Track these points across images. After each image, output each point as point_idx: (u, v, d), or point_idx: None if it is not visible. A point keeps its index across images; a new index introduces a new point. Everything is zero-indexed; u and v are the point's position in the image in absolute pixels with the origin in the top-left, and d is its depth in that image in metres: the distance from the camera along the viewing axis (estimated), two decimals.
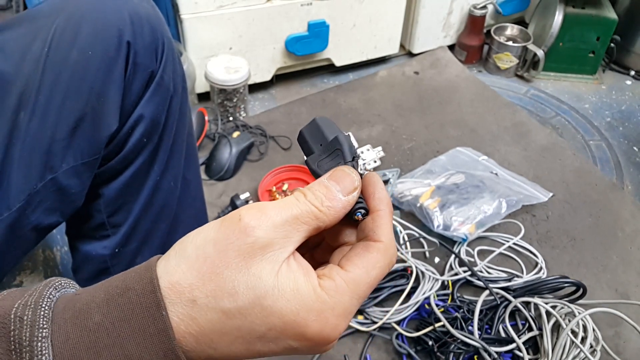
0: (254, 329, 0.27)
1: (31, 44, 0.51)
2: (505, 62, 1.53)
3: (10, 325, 0.26)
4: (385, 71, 1.52)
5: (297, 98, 1.42)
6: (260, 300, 0.27)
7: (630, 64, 1.57)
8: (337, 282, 0.28)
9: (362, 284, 0.29)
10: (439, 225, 1.01)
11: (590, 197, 1.15)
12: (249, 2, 1.25)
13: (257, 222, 0.28)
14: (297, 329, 0.27)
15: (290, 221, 0.29)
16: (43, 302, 0.27)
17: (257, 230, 0.27)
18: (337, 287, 0.28)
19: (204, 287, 0.27)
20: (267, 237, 0.28)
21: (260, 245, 0.27)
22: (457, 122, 1.35)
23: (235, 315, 0.27)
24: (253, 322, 0.27)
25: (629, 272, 1.00)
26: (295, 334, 0.27)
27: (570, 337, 0.82)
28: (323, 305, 0.27)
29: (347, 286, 0.28)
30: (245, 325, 0.27)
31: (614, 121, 1.41)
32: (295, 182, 1.16)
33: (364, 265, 0.30)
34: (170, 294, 0.27)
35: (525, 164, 1.23)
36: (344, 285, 0.28)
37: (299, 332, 0.27)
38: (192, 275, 0.27)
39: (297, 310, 0.27)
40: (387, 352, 0.88)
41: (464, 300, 0.91)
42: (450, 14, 1.55)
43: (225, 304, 0.27)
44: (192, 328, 0.27)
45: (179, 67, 0.61)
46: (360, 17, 1.40)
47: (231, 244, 0.27)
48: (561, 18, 1.46)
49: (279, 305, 0.27)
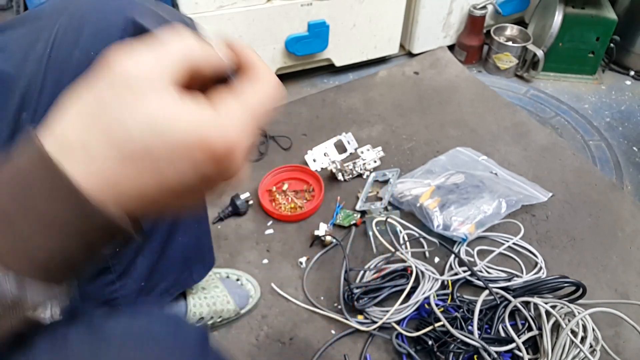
0: (163, 163, 0.27)
1: (33, 44, 0.51)
2: (505, 63, 1.53)
3: None
4: (385, 71, 1.52)
5: (297, 98, 1.42)
6: (159, 133, 0.26)
7: (629, 64, 1.57)
8: (227, 100, 0.29)
9: (251, 98, 0.30)
10: (439, 225, 1.01)
11: (590, 197, 1.15)
12: (249, 3, 1.25)
13: (127, 60, 0.27)
14: (205, 149, 0.27)
15: (165, 54, 0.28)
16: None
17: (129, 66, 0.27)
18: (229, 106, 0.29)
19: (91, 131, 0.27)
20: (142, 69, 0.27)
21: (137, 78, 0.27)
22: (457, 122, 1.35)
23: (143, 156, 0.26)
24: (159, 157, 0.27)
25: (628, 272, 1.01)
26: (205, 156, 0.27)
27: (570, 337, 0.82)
28: (221, 122, 0.28)
29: (237, 100, 0.29)
30: (154, 163, 0.27)
31: (613, 121, 1.42)
32: (295, 182, 1.17)
33: (249, 85, 0.30)
34: (61, 149, 0.27)
35: (525, 164, 1.23)
36: (233, 100, 0.29)
37: (208, 152, 0.27)
38: (77, 125, 0.27)
39: (199, 131, 0.27)
40: (387, 351, 0.88)
41: (464, 300, 0.91)
42: (450, 14, 1.55)
43: (116, 136, 0.26)
44: (94, 174, 0.26)
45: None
46: (360, 17, 1.40)
47: (107, 84, 0.27)
48: (561, 18, 1.46)
49: (179, 133, 0.26)
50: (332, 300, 0.95)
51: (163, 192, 0.28)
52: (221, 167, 0.28)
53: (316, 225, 1.07)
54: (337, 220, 1.08)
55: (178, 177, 0.27)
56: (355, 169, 1.17)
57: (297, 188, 1.15)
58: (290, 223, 1.08)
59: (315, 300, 0.95)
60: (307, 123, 1.33)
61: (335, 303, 0.95)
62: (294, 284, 0.98)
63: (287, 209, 1.09)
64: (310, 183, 1.15)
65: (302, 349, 0.88)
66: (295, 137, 1.28)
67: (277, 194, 1.13)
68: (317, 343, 0.89)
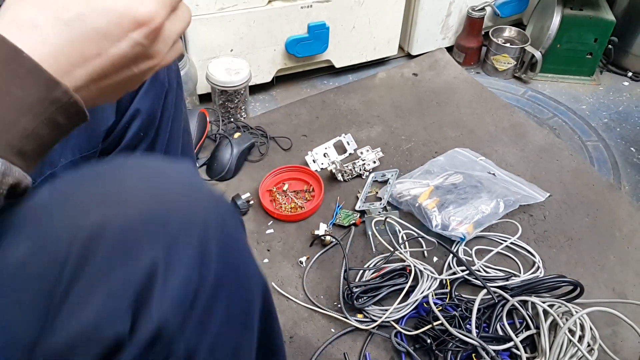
0: (96, 28, 0.31)
1: None
2: (503, 64, 1.54)
3: None
4: (385, 73, 1.53)
5: (297, 99, 1.43)
6: (93, 1, 0.31)
7: (627, 65, 1.58)
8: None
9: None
10: (438, 225, 1.02)
11: (588, 198, 1.16)
12: (249, 5, 1.26)
13: None
14: (131, 15, 0.31)
15: None
16: None
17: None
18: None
19: (38, 9, 0.30)
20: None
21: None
22: (455, 123, 1.36)
23: (76, 22, 0.30)
24: (93, 23, 0.30)
25: (626, 271, 1.01)
26: (130, 21, 0.31)
27: (568, 336, 0.83)
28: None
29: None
30: (87, 28, 0.30)
31: (611, 122, 1.42)
32: (295, 182, 1.17)
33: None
34: (12, 30, 0.29)
35: (522, 164, 1.24)
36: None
37: (133, 18, 0.31)
38: (27, 8, 0.30)
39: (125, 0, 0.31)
40: (386, 350, 0.89)
41: (462, 299, 0.92)
42: (449, 16, 1.56)
43: (64, 15, 0.30)
44: (48, 52, 0.29)
45: (173, 63, 0.62)
46: (359, 19, 1.41)
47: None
48: (559, 20, 1.47)
49: (110, 1, 0.31)
50: (332, 299, 0.96)
51: (105, 66, 0.32)
52: (149, 35, 0.32)
53: (316, 225, 1.08)
54: (337, 220, 1.08)
55: (116, 48, 0.32)
56: (355, 170, 1.18)
57: (297, 188, 1.16)
58: (291, 223, 1.09)
59: (315, 299, 0.96)
60: (307, 124, 1.34)
61: (335, 302, 0.95)
62: (294, 283, 0.99)
63: (287, 209, 1.10)
64: (310, 183, 1.16)
65: (302, 347, 0.89)
66: (296, 138, 1.29)
67: (277, 194, 1.14)
68: (317, 341, 0.90)
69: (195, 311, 0.32)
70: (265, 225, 1.09)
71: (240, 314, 0.39)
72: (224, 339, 0.37)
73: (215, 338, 0.35)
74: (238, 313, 0.38)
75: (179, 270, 0.31)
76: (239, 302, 0.38)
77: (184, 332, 0.32)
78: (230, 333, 0.38)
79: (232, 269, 0.36)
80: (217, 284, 0.34)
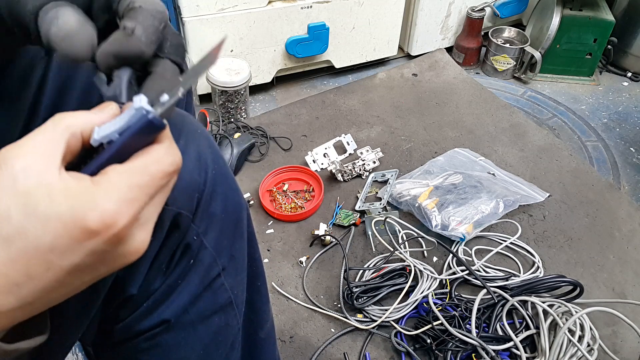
0: (40, 243, 0.26)
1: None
2: (503, 64, 1.54)
3: None
4: (384, 73, 1.54)
5: (297, 99, 1.43)
6: (34, 211, 0.26)
7: (627, 66, 1.59)
8: (110, 174, 0.28)
9: (136, 169, 0.28)
10: (437, 225, 1.02)
11: (587, 198, 1.16)
12: (249, 5, 1.26)
13: (9, 150, 0.27)
14: (79, 224, 0.26)
15: (43, 139, 0.28)
16: None
17: (10, 156, 0.27)
18: (109, 177, 0.28)
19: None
20: (22, 154, 0.27)
21: (17, 165, 0.26)
22: (455, 123, 1.36)
23: (16, 237, 0.26)
24: (36, 237, 0.26)
25: (625, 271, 1.01)
26: (80, 231, 0.26)
27: (568, 336, 0.83)
28: (96, 194, 0.27)
29: (120, 175, 0.28)
30: (29, 243, 0.26)
31: (610, 122, 1.43)
32: (295, 182, 1.17)
33: (138, 157, 0.29)
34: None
35: (522, 164, 1.24)
36: (116, 175, 0.28)
37: (82, 227, 0.26)
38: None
39: (72, 205, 0.26)
40: (386, 349, 0.89)
41: (462, 299, 0.92)
42: (448, 16, 1.56)
43: (3, 230, 0.26)
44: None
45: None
46: (359, 20, 1.42)
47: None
48: (558, 20, 1.47)
49: (53, 209, 0.26)
50: (332, 299, 0.96)
51: (60, 277, 0.27)
52: (109, 241, 0.27)
53: (316, 225, 1.08)
54: (337, 220, 1.09)
55: (67, 260, 0.27)
56: (355, 170, 1.18)
57: (297, 188, 1.16)
58: (291, 223, 1.09)
59: (315, 299, 0.96)
60: (307, 124, 1.34)
61: (334, 302, 0.96)
62: (294, 283, 0.99)
63: (287, 209, 1.10)
64: (310, 183, 1.16)
65: (302, 347, 0.89)
66: (296, 138, 1.29)
67: (277, 194, 1.14)
68: (317, 341, 0.90)
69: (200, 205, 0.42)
70: (265, 225, 1.09)
71: (233, 213, 0.46)
72: (224, 229, 0.45)
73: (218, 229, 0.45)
74: (232, 210, 0.46)
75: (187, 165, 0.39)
76: (232, 204, 0.46)
77: (194, 221, 0.42)
78: (227, 229, 0.46)
79: (222, 174, 0.44)
80: (214, 183, 0.43)
